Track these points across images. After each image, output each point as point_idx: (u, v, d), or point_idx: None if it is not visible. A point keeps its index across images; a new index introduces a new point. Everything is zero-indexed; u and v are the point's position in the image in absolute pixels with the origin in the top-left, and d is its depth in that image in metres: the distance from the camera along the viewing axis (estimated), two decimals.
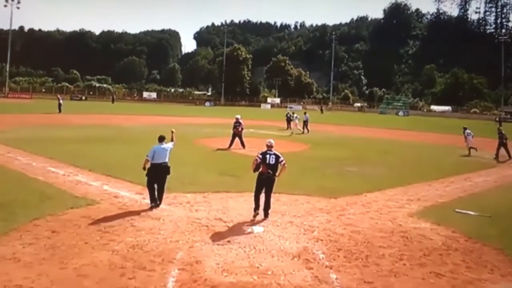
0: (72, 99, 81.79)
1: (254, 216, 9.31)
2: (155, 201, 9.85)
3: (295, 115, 33.77)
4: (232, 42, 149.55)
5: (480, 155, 21.91)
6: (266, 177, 9.24)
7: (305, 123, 32.07)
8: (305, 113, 34.26)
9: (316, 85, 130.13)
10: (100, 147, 19.30)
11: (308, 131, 31.53)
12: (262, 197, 9.44)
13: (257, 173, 9.42)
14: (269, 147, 9.50)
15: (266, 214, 9.36)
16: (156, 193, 9.89)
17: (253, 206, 9.42)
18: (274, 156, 9.30)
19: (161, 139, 10.07)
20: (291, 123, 32.90)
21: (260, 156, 9.32)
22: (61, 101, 42.12)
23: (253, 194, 9.46)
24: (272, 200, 9.55)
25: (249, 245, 7.69)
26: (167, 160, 9.96)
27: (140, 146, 20.32)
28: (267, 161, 9.24)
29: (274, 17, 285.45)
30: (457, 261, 7.37)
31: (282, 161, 9.32)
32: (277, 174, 9.35)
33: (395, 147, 24.78)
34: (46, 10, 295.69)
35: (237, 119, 21.26)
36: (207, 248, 7.47)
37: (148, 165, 9.88)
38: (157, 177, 9.80)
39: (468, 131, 23.17)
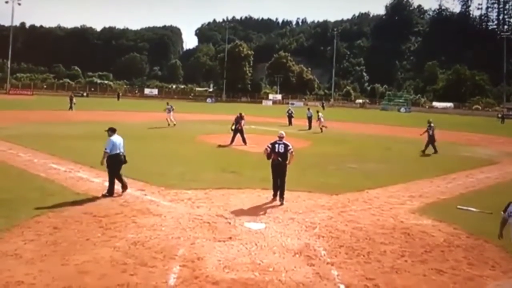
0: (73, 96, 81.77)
1: (272, 201, 10.36)
2: (112, 192, 10.27)
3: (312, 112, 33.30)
4: (234, 38, 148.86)
5: (483, 151, 21.88)
6: (276, 163, 10.38)
7: (309, 119, 32.17)
8: (308, 109, 34.34)
9: (317, 81, 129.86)
10: (102, 143, 19.24)
11: (310, 128, 31.52)
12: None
13: (270, 161, 10.56)
14: (280, 138, 10.66)
15: (281, 198, 10.32)
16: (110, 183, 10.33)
17: (273, 195, 10.59)
18: (283, 145, 10.44)
19: (114, 130, 10.56)
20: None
21: (270, 146, 10.52)
22: (74, 100, 41.66)
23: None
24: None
25: (251, 241, 7.69)
26: (123, 150, 10.43)
27: (141, 143, 20.37)
28: (276, 150, 10.42)
29: (275, 14, 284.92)
30: (458, 258, 7.36)
31: (290, 149, 10.46)
32: (287, 161, 10.45)
33: (396, 144, 24.73)
34: (47, 7, 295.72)
35: (240, 114, 21.23)
36: (209, 244, 7.47)
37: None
38: (119, 166, 10.29)
39: (321, 114, 30.53)
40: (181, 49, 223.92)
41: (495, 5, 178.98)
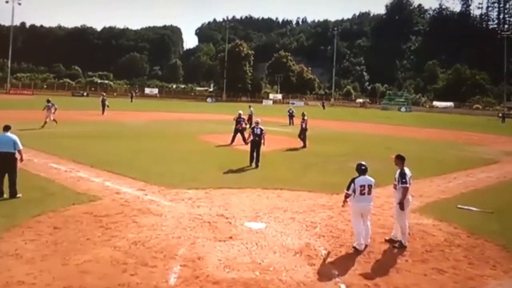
0: (73, 95, 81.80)
1: (248, 167, 14.62)
2: (1, 193, 9.71)
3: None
4: (234, 38, 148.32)
5: (484, 151, 21.87)
6: (255, 141, 14.95)
7: (290, 116, 34.98)
8: (290, 108, 37.17)
9: (318, 81, 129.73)
10: (102, 143, 19.31)
11: (292, 124, 33.54)
12: None
13: (251, 140, 15.16)
14: (256, 123, 15.60)
15: (257, 165, 14.82)
16: (9, 185, 9.75)
17: (249, 163, 15.01)
18: (259, 129, 15.26)
19: (6, 128, 10.07)
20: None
21: (251, 130, 15.40)
22: (106, 103, 36.64)
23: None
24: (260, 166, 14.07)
25: (251, 241, 7.69)
26: (12, 150, 9.82)
27: (142, 142, 20.40)
28: (255, 132, 15.18)
29: (276, 13, 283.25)
30: (459, 257, 7.36)
31: (263, 132, 15.27)
32: (262, 140, 15.04)
33: (397, 143, 24.71)
34: (47, 6, 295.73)
35: (239, 114, 21.24)
36: (209, 244, 7.47)
37: None
38: (2, 166, 9.72)
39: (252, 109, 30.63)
40: (181, 48, 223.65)
41: (496, 4, 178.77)
